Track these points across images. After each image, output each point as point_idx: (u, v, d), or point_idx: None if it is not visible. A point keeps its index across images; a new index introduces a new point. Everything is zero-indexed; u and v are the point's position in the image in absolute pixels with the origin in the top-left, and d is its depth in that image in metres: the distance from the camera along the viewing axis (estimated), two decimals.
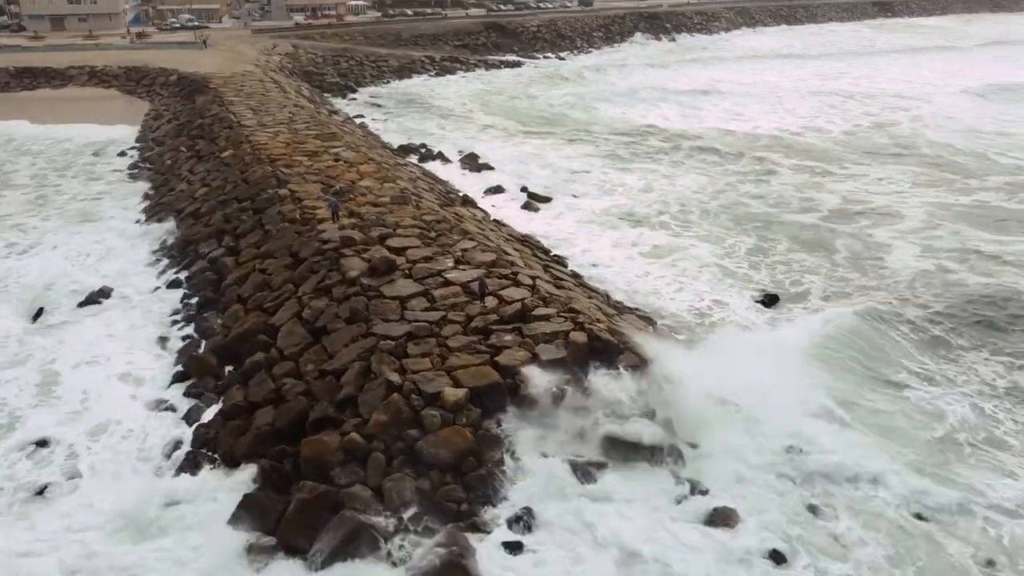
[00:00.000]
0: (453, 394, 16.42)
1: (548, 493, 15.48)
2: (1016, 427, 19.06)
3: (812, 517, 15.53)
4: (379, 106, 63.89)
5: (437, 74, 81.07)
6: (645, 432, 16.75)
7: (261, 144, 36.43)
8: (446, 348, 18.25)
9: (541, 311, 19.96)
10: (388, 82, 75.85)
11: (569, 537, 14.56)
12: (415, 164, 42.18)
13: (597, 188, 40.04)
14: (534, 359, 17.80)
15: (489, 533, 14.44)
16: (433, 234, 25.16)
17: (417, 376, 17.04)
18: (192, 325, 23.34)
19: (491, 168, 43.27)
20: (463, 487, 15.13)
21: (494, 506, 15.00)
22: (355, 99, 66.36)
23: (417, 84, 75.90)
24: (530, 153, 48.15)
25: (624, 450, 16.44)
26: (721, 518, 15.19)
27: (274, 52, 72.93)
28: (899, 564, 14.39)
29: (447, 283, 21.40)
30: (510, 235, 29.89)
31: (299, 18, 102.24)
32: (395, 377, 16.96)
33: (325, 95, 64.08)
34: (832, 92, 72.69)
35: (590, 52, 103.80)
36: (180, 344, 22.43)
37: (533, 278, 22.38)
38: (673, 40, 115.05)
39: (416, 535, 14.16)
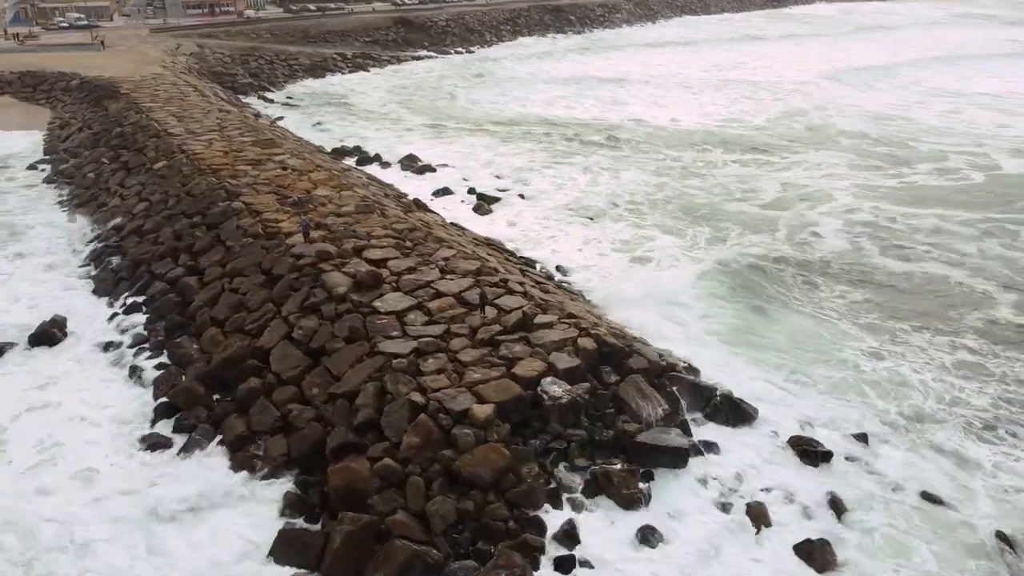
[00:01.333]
0: (481, 410, 16.14)
1: (587, 504, 15.52)
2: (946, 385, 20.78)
3: (833, 507, 16.12)
4: (298, 107, 61.82)
5: (351, 71, 79.47)
6: (668, 435, 17.01)
7: (197, 154, 34.58)
8: (459, 363, 17.91)
9: (542, 319, 19.90)
10: (302, 81, 73.59)
11: (617, 547, 14.61)
12: (357, 168, 41.09)
13: (543, 185, 39.98)
14: (550, 369, 17.75)
15: (540, 550, 14.30)
16: (409, 243, 24.60)
17: (439, 394, 16.65)
18: (164, 352, 21.94)
19: (433, 170, 42.61)
20: (506, 505, 14.92)
21: (539, 522, 14.86)
22: (272, 100, 63.87)
23: (332, 83, 74.00)
24: (464, 152, 47.68)
25: (651, 454, 16.59)
26: (754, 515, 15.62)
27: (179, 52, 69.37)
28: (921, 556, 15.09)
29: (439, 294, 20.99)
30: (475, 239, 29.58)
31: (250, 13, 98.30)
32: (418, 397, 16.53)
33: (239, 97, 61.45)
34: (740, 81, 75.80)
35: (498, 45, 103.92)
36: (155, 374, 20.98)
37: (521, 284, 22.27)
38: (580, 33, 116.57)
39: (470, 559, 13.90)
